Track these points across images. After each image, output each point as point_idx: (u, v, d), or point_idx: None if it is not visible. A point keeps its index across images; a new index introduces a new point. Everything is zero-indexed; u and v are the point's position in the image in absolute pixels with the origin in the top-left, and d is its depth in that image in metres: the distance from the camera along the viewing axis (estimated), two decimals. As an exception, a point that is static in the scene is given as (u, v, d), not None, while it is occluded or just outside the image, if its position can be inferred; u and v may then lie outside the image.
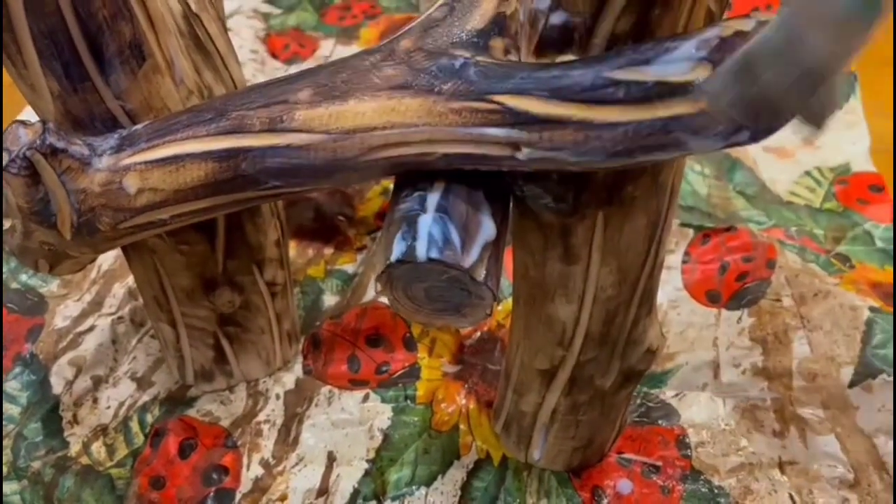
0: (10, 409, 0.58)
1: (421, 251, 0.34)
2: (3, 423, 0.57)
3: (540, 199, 0.38)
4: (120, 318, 0.64)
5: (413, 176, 0.37)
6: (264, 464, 0.55)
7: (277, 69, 0.95)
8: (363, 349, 0.63)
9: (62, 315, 0.65)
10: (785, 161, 0.79)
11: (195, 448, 0.56)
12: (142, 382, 0.60)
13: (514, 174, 0.37)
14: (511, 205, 0.39)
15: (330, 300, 0.67)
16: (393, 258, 0.34)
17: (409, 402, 0.58)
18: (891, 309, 0.58)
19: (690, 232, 0.67)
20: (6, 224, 0.44)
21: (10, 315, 0.64)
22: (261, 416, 0.58)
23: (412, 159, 0.35)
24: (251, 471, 0.55)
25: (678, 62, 0.27)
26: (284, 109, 0.35)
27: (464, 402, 0.58)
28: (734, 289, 0.62)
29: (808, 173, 0.78)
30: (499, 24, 0.35)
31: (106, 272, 0.68)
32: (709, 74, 0.27)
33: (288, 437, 0.57)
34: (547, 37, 0.32)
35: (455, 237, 0.34)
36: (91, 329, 0.63)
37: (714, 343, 0.59)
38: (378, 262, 0.36)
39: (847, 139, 0.82)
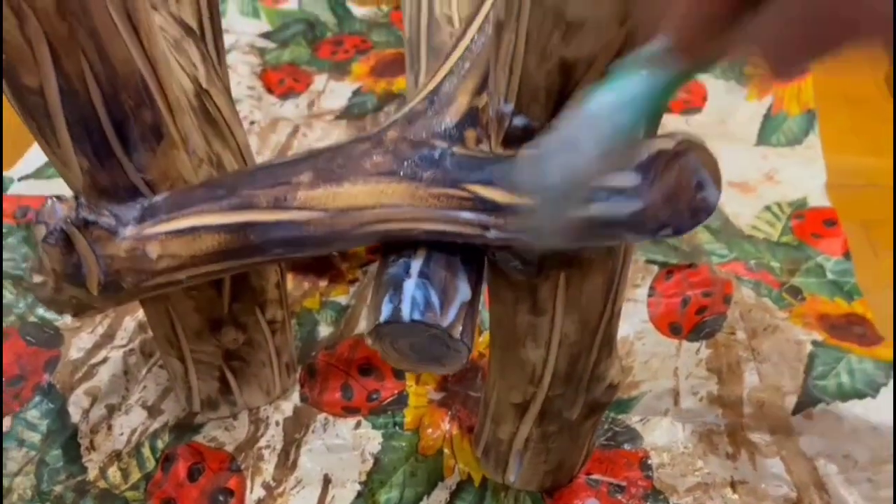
0: (32, 437, 0.63)
1: (405, 313, 0.39)
2: (25, 450, 0.63)
3: (510, 263, 0.43)
4: (131, 350, 0.69)
5: (398, 243, 0.42)
6: (266, 486, 0.60)
7: (273, 104, 1.01)
8: (356, 378, 0.68)
9: (77, 347, 0.70)
10: (748, 196, 0.86)
11: (203, 472, 0.61)
12: (152, 410, 0.65)
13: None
14: (486, 266, 0.45)
15: (325, 330, 0.73)
16: (381, 319, 0.40)
17: (397, 428, 0.64)
18: (834, 341, 0.65)
19: (655, 268, 0.73)
20: (37, 279, 0.49)
21: (29, 347, 0.70)
22: (262, 442, 0.63)
23: (398, 233, 0.40)
24: (254, 493, 0.60)
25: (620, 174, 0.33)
26: (288, 189, 0.41)
27: (448, 427, 0.64)
28: (694, 322, 0.68)
29: (768, 208, 0.84)
30: (472, 116, 0.41)
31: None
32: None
33: (287, 461, 0.62)
34: (511, 133, 0.38)
35: (435, 300, 0.40)
36: (104, 361, 0.68)
37: (675, 372, 0.65)
38: (368, 320, 0.41)
39: (806, 174, 0.88)
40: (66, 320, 0.72)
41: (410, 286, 0.40)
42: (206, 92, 0.50)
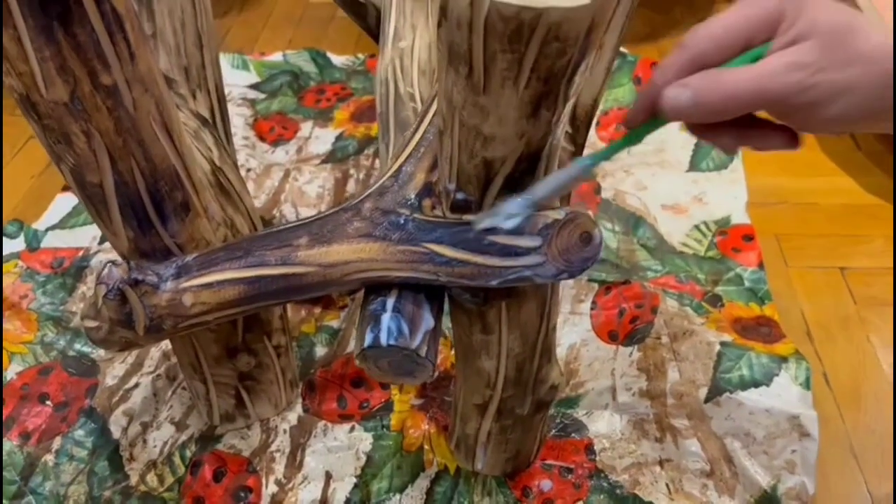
0: (80, 452, 0.76)
1: (383, 340, 0.52)
2: (75, 463, 0.75)
3: (462, 296, 0.57)
4: (158, 375, 0.82)
5: (377, 286, 0.56)
6: (278, 483, 0.73)
7: (266, 151, 1.14)
8: (349, 390, 0.81)
9: (111, 375, 0.83)
10: (680, 216, 0.99)
11: (225, 474, 0.74)
12: (179, 425, 0.78)
13: (443, 283, 0.56)
14: (447, 299, 0.58)
15: (321, 351, 0.86)
16: (365, 345, 0.53)
17: (385, 429, 0.77)
18: (741, 341, 0.78)
19: (596, 286, 0.87)
20: (91, 323, 0.62)
21: (71, 377, 0.82)
22: (273, 447, 0.76)
23: (375, 280, 0.54)
24: (269, 489, 0.73)
25: (528, 235, 0.46)
26: (291, 250, 0.54)
27: (427, 427, 0.77)
28: (628, 329, 0.82)
29: (696, 226, 0.97)
30: (428, 188, 0.54)
31: (142, 338, 0.86)
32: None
33: (295, 461, 0.75)
34: (455, 204, 0.51)
35: (406, 329, 0.53)
36: (136, 385, 0.81)
37: (612, 373, 0.78)
38: (355, 346, 0.54)
39: (730, 195, 1.02)
40: (100, 353, 0.85)
41: (386, 318, 0.53)
42: (219, 169, 0.63)
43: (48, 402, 0.80)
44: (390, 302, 0.54)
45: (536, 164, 0.47)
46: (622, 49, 1.23)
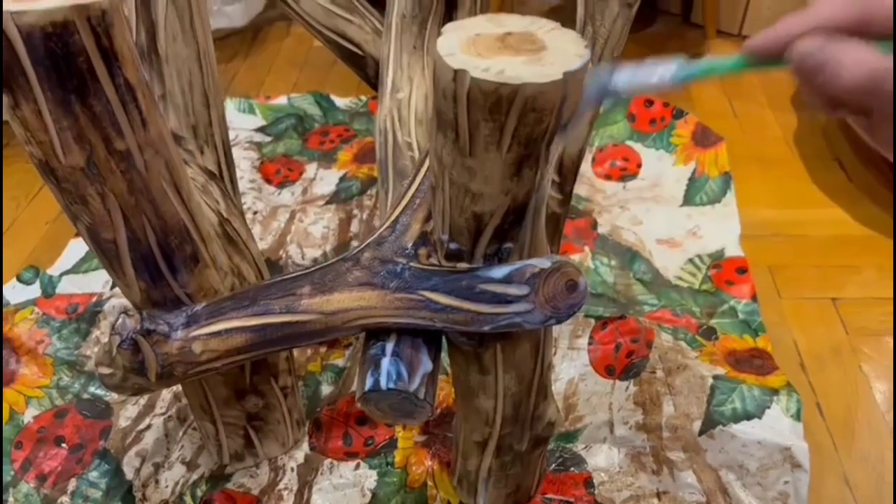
0: (94, 493, 0.78)
1: (383, 383, 0.55)
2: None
3: (459, 339, 0.59)
4: (169, 416, 0.85)
5: (376, 331, 0.58)
6: (286, 520, 0.76)
7: (272, 193, 1.17)
8: (354, 427, 0.84)
9: (124, 417, 0.85)
10: (675, 250, 1.02)
11: (235, 513, 0.76)
12: (190, 465, 0.81)
13: (440, 327, 0.58)
14: (445, 342, 0.61)
15: (326, 389, 0.88)
16: (366, 388, 0.55)
17: (389, 466, 0.79)
18: (733, 374, 0.80)
19: (592, 321, 0.89)
20: (105, 370, 0.65)
21: (86, 420, 0.85)
22: (281, 485, 0.78)
23: (375, 325, 0.56)
24: (277, 526, 0.75)
25: (517, 284, 0.49)
26: (294, 299, 0.57)
27: (430, 464, 0.79)
28: (624, 364, 0.84)
29: (691, 260, 1.00)
30: (423, 238, 0.57)
31: (154, 380, 0.89)
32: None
33: (302, 499, 0.77)
34: (449, 253, 0.54)
35: (405, 372, 0.56)
36: (149, 427, 0.84)
37: (609, 407, 0.81)
38: (357, 390, 0.57)
39: (723, 229, 1.04)
40: (114, 396, 0.88)
41: (386, 363, 0.56)
42: (226, 220, 0.67)
43: (63, 445, 0.82)
44: (389, 346, 0.57)
45: (524, 216, 0.50)
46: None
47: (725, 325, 0.90)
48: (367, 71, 0.86)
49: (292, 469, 0.80)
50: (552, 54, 0.40)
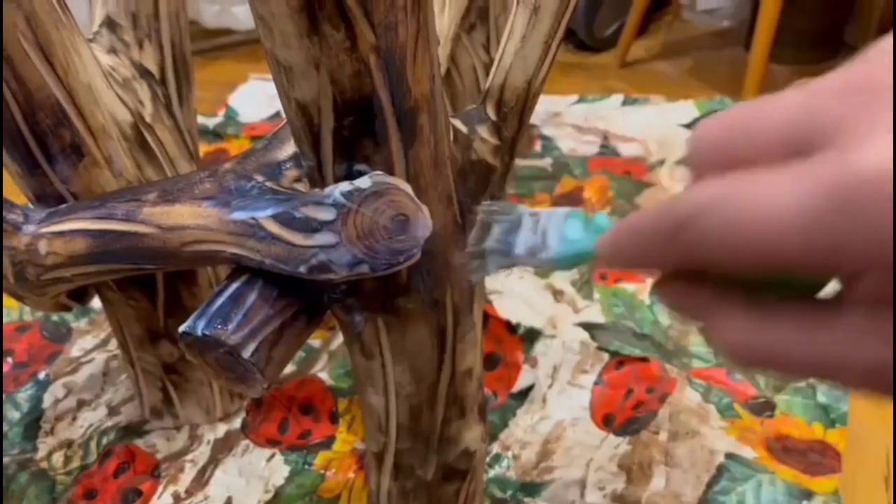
0: (14, 415, 0.72)
1: (200, 326, 0.43)
2: (6, 425, 0.71)
3: (330, 299, 0.45)
4: (115, 355, 0.77)
5: (239, 268, 0.46)
6: (175, 496, 0.64)
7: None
8: (296, 415, 0.71)
9: (79, 346, 0.79)
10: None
11: (126, 471, 0.66)
12: (113, 411, 0.72)
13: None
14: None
15: (290, 369, 0.77)
16: (181, 329, 0.43)
17: (306, 466, 0.66)
18: (769, 461, 0.58)
19: (606, 356, 0.70)
20: None
21: (42, 340, 0.80)
22: (188, 457, 0.68)
23: (213, 254, 0.44)
24: (161, 499, 0.64)
25: (326, 206, 0.35)
26: (138, 205, 0.46)
27: (353, 476, 0.65)
28: (628, 416, 0.65)
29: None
30: (296, 158, 0.44)
31: (123, 317, 0.82)
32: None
33: (202, 477, 0.66)
34: (307, 174, 0.41)
35: (234, 319, 0.43)
36: (90, 361, 0.77)
37: (588, 464, 0.62)
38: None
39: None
40: (80, 323, 0.82)
41: (218, 303, 0.43)
42: (148, 126, 0.58)
43: (9, 359, 0.78)
44: (234, 286, 0.44)
45: (371, 120, 0.35)
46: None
47: (795, 404, 0.67)
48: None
49: (208, 442, 0.69)
50: None
